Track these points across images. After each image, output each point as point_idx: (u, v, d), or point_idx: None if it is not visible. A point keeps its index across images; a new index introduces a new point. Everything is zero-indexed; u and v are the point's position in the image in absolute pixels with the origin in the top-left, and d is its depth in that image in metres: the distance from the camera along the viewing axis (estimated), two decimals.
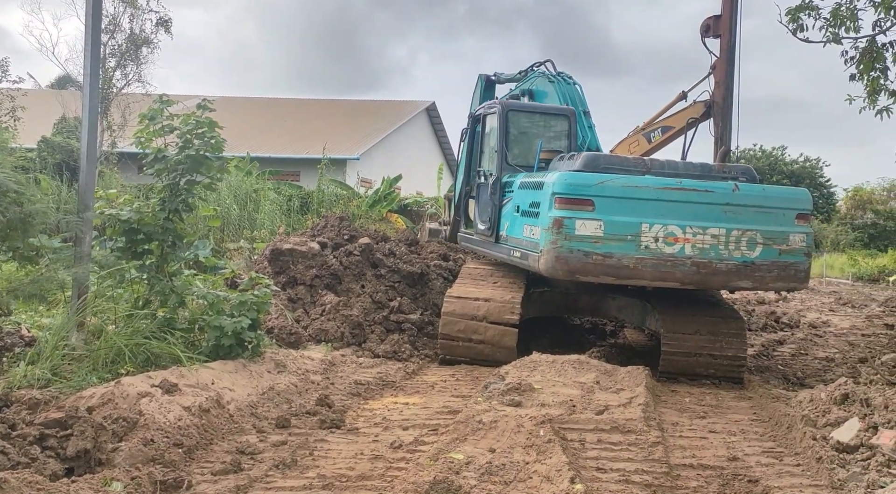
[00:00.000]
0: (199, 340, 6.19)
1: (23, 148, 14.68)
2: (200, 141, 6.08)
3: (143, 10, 23.28)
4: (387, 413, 5.54)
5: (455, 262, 10.59)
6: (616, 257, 6.54)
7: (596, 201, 6.56)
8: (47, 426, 3.86)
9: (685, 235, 6.64)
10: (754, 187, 7.06)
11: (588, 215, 6.54)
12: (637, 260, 6.57)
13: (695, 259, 6.67)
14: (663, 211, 6.67)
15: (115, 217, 5.90)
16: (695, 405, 6.14)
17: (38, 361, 5.03)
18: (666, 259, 6.62)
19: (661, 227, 6.60)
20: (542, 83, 10.48)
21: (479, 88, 12.34)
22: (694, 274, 6.70)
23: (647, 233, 6.59)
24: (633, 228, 6.58)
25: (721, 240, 6.71)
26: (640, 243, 6.57)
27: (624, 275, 6.66)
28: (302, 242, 9.59)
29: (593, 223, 6.54)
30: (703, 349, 7.03)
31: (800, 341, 9.89)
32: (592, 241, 6.53)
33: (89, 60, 5.92)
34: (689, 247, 6.65)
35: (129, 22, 23.11)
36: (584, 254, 6.53)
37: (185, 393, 4.93)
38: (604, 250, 6.55)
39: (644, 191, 6.68)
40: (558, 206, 6.62)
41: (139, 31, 23.32)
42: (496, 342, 7.52)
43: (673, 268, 6.64)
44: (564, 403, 5.25)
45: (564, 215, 6.55)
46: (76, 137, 20.16)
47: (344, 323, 8.31)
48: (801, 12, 9.12)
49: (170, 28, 23.71)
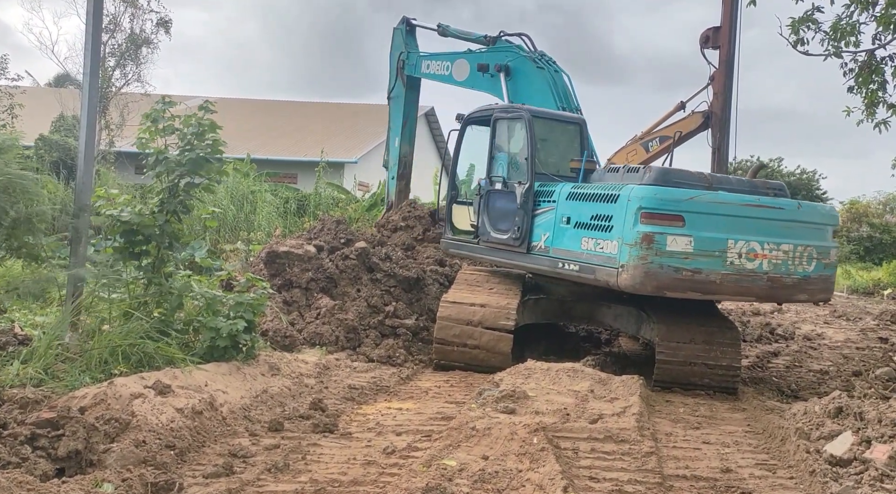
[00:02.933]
0: (193, 341, 6.16)
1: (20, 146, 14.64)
2: (201, 143, 6.08)
3: (144, 10, 23.32)
4: (380, 418, 5.53)
5: (451, 267, 10.59)
6: (704, 273, 6.59)
7: (686, 216, 6.57)
8: (39, 425, 3.84)
9: (763, 251, 6.80)
10: (808, 204, 7.60)
11: (679, 231, 6.53)
12: (723, 276, 6.65)
13: (770, 274, 6.86)
14: (744, 227, 6.77)
15: (116, 218, 5.88)
16: (689, 416, 6.14)
17: (31, 360, 5.00)
18: (747, 275, 6.75)
19: (744, 243, 6.72)
20: (523, 65, 9.87)
21: (401, 36, 11.81)
22: (768, 289, 6.91)
23: (733, 249, 6.68)
24: (721, 244, 6.65)
25: (789, 255, 6.93)
26: (726, 258, 6.65)
27: (709, 290, 6.75)
28: (298, 244, 9.58)
29: (684, 239, 6.54)
30: (698, 359, 7.04)
31: (794, 353, 9.89)
32: (682, 257, 6.53)
33: (89, 60, 5.92)
34: (765, 263, 6.82)
35: (130, 22, 23.14)
36: (675, 270, 6.54)
37: (178, 395, 4.91)
38: (693, 266, 6.56)
39: (728, 207, 6.75)
40: (645, 221, 6.54)
41: (139, 31, 23.35)
42: (491, 347, 7.52)
43: (751, 283, 6.79)
44: (558, 411, 5.25)
45: (655, 231, 6.50)
46: (74, 135, 20.14)
47: (339, 327, 8.30)
48: (801, 25, 9.17)
49: (170, 29, 23.75)
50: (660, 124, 10.35)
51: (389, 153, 12.57)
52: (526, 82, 9.85)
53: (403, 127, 12.16)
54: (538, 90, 9.70)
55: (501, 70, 10.00)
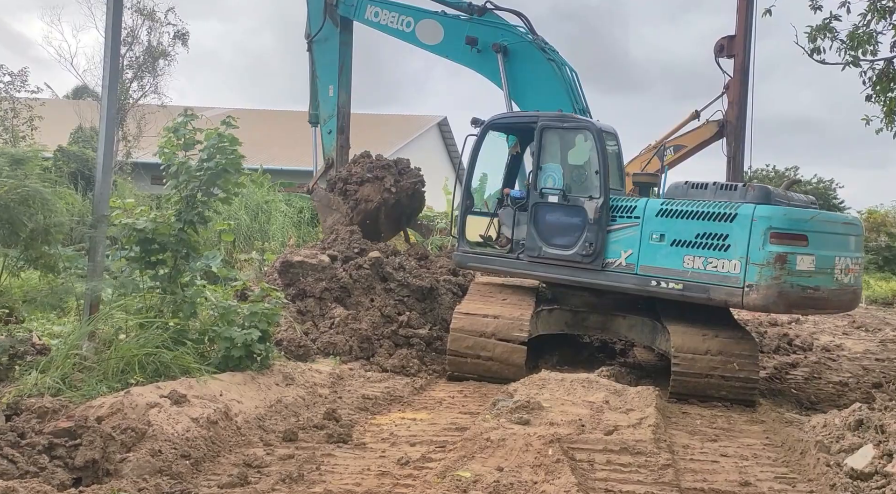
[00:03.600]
0: (208, 351, 6.19)
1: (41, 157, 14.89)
2: (222, 155, 6.15)
3: (161, 22, 23.63)
4: (394, 429, 5.52)
5: (465, 277, 10.57)
6: (821, 290, 6.82)
7: (809, 236, 6.76)
8: (56, 435, 3.87)
9: (852, 265, 7.19)
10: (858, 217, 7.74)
11: (804, 250, 6.72)
12: (831, 291, 6.92)
13: (854, 288, 7.32)
14: (841, 244, 7.14)
15: (132, 226, 5.95)
16: (706, 428, 6.07)
17: (49, 369, 5.05)
18: (843, 289, 7.07)
19: (843, 259, 7.04)
20: (527, 50, 9.23)
21: None
22: (851, 301, 7.37)
23: (838, 265, 6.98)
24: (831, 261, 6.91)
25: (860, 268, 7.45)
26: (834, 275, 6.91)
27: (821, 306, 7.08)
28: (312, 254, 9.62)
29: (808, 258, 6.74)
30: (715, 371, 6.96)
31: (813, 364, 9.77)
32: (807, 276, 6.73)
33: (108, 72, 6.00)
34: (853, 277, 7.21)
35: (147, 34, 23.45)
36: (801, 289, 6.72)
37: (193, 404, 4.93)
38: (813, 284, 6.78)
39: (835, 226, 7.21)
40: (775, 241, 6.65)
41: (156, 43, 23.65)
42: (504, 359, 7.48)
43: (844, 297, 7.13)
44: (573, 422, 5.21)
45: (787, 251, 6.64)
46: (91, 146, 20.38)
47: (352, 337, 8.30)
48: (818, 34, 9.11)
49: (187, 41, 24.05)
50: (674, 133, 10.32)
51: (322, 105, 10.96)
52: (527, 71, 9.12)
53: (340, 74, 10.61)
54: (544, 83, 9.03)
55: (501, 51, 9.15)
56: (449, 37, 9.64)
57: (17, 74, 21.96)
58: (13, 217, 4.99)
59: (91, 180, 17.67)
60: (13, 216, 4.99)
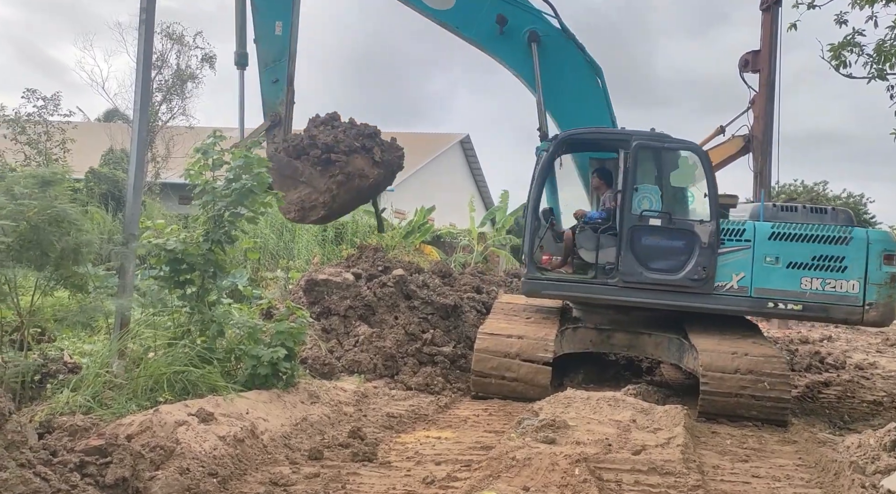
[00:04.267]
0: (235, 369, 6.25)
1: (71, 179, 15.32)
2: (248, 175, 6.25)
3: (190, 46, 24.18)
4: (419, 447, 5.50)
5: (488, 294, 10.56)
6: None
7: None
8: (87, 453, 3.92)
9: None
10: None
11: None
12: None
13: None
14: None
15: (161, 247, 6.05)
16: (736, 448, 5.95)
17: (80, 388, 5.13)
18: None
19: None
20: (565, 50, 8.48)
21: None
22: None
23: None
24: None
25: None
26: None
27: None
28: (337, 272, 9.68)
29: None
30: (745, 390, 6.84)
31: (846, 382, 9.55)
32: None
33: (139, 96, 6.15)
34: None
35: (176, 58, 24.00)
36: None
37: (220, 422, 4.96)
38: None
39: None
40: (887, 262, 7.38)
41: (185, 66, 24.19)
42: (529, 380, 7.44)
43: None
44: (600, 441, 5.14)
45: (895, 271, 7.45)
46: (122, 168, 20.83)
47: (377, 355, 8.32)
48: (843, 49, 9.02)
49: (214, 64, 24.56)
50: None
51: (265, 45, 8.44)
52: (563, 73, 8.30)
53: (294, 4, 8.36)
54: (583, 90, 8.35)
55: (536, 41, 8.18)
56: (468, 7, 8.26)
57: (50, 98, 22.62)
58: (43, 238, 5.10)
59: (121, 201, 18.08)
60: (43, 237, 5.10)
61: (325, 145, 7.70)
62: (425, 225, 20.37)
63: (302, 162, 7.69)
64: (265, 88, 8.28)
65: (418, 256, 17.82)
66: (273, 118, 8.01)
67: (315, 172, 7.79)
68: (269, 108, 8.16)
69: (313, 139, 7.67)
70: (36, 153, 21.46)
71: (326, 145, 7.73)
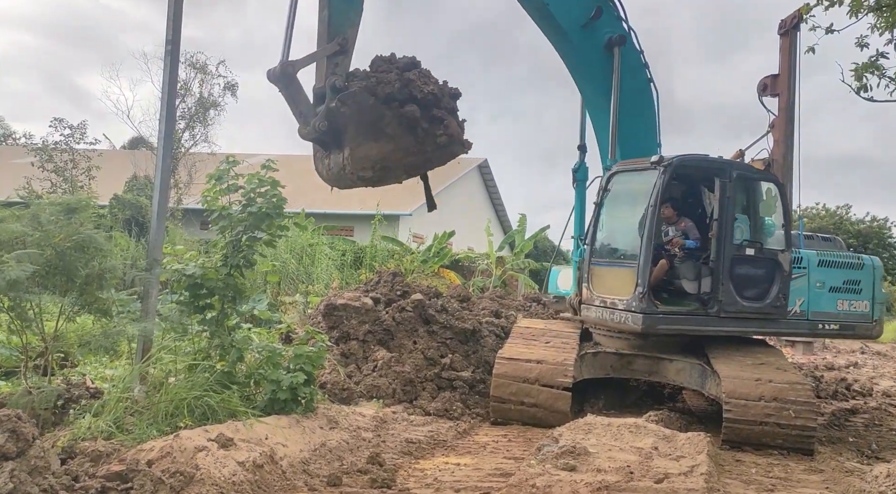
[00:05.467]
0: (254, 394, 6.26)
1: (96, 205, 15.64)
2: (263, 199, 6.31)
3: (213, 75, 24.71)
4: (438, 474, 5.45)
5: (507, 319, 10.52)
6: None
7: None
8: (109, 479, 3.94)
9: None
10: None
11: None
12: None
13: None
14: None
15: (181, 272, 6.12)
16: (761, 477, 5.83)
17: (101, 413, 5.17)
18: None
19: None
20: (635, 63, 8.27)
21: None
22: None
23: None
24: None
25: None
26: None
27: None
28: (355, 297, 9.72)
29: None
30: (769, 418, 6.71)
31: (873, 410, 9.34)
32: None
33: (164, 124, 6.27)
34: None
35: (199, 86, 24.52)
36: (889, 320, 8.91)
37: (239, 448, 4.97)
38: None
39: None
40: (881, 283, 8.67)
41: (207, 95, 24.70)
42: (549, 405, 7.37)
43: None
44: (621, 469, 5.06)
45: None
46: (145, 194, 21.18)
47: (396, 380, 8.30)
48: (865, 71, 8.99)
49: (236, 92, 25.06)
50: None
51: None
52: (631, 91, 7.85)
53: None
54: (638, 101, 7.98)
55: (619, 44, 7.68)
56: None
57: (76, 126, 23.17)
58: (68, 264, 5.19)
59: (144, 226, 18.36)
60: (68, 263, 5.19)
61: (429, 97, 5.71)
62: (444, 250, 20.41)
63: (392, 109, 5.70)
64: (333, 2, 6.17)
65: (437, 280, 17.83)
66: (341, 43, 5.94)
67: (403, 126, 5.81)
68: (336, 28, 5.97)
69: (407, 85, 5.62)
70: (62, 181, 21.93)
71: (432, 96, 5.72)
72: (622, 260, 8.10)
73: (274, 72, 5.48)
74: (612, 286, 7.94)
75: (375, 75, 5.55)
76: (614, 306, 7.75)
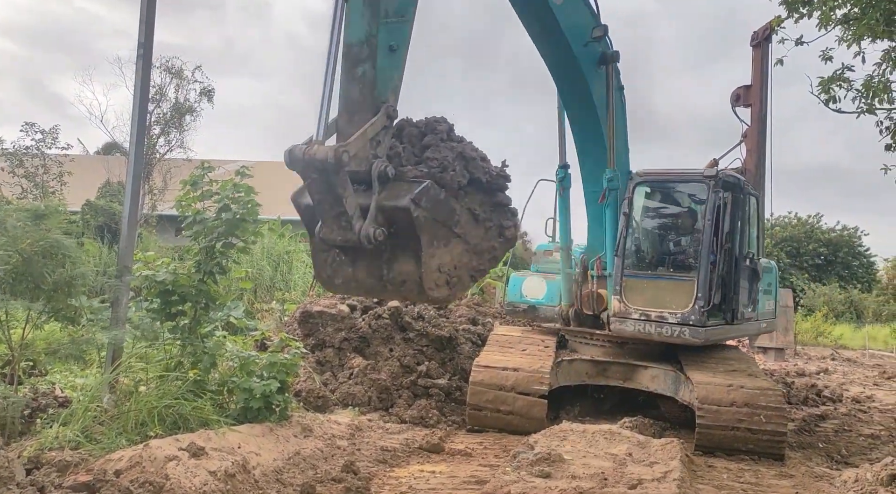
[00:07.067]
0: (227, 402, 6.19)
1: (67, 211, 15.38)
2: (238, 205, 6.25)
3: (188, 80, 24.50)
4: (413, 482, 5.43)
5: (484, 326, 10.52)
6: None
7: None
8: (75, 489, 3.87)
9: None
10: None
11: None
12: None
13: None
14: None
15: (152, 278, 6.03)
16: (733, 482, 5.89)
17: (69, 422, 5.07)
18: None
19: None
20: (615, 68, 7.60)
21: None
22: None
23: None
24: None
25: None
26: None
27: None
28: (332, 304, 9.66)
29: None
30: (741, 423, 6.80)
31: (843, 416, 9.49)
32: None
33: (136, 129, 6.20)
34: None
35: (175, 92, 24.29)
36: None
37: (211, 457, 4.90)
38: None
39: None
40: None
41: (183, 100, 24.47)
42: (525, 413, 7.38)
43: None
44: (596, 475, 5.09)
45: None
46: (118, 200, 20.92)
47: (371, 387, 8.25)
48: (832, 83, 9.16)
49: (212, 97, 24.86)
50: None
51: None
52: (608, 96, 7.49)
53: None
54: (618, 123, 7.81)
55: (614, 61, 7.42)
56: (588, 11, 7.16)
57: (48, 131, 22.79)
58: (35, 271, 5.10)
59: (117, 233, 18.09)
60: (35, 270, 5.10)
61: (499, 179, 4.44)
62: None
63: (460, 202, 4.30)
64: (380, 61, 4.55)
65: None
66: (391, 113, 4.34)
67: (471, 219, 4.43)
68: (382, 91, 4.37)
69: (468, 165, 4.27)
70: (33, 186, 21.55)
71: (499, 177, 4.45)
72: (671, 273, 7.94)
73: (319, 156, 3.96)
74: (656, 299, 7.73)
75: (432, 158, 4.10)
76: (663, 319, 7.55)
